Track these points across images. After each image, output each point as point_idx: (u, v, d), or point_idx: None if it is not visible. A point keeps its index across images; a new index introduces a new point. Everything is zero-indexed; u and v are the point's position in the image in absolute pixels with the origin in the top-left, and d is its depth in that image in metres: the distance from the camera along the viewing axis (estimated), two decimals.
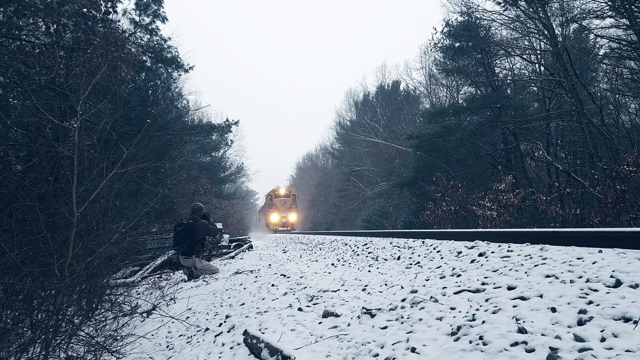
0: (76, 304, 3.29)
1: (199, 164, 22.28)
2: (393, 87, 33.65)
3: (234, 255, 9.83)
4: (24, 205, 3.28)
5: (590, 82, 13.40)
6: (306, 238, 11.00)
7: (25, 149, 7.49)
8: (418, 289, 2.49)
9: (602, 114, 10.20)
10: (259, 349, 2.09)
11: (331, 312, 2.44)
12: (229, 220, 21.99)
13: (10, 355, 2.44)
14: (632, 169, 7.04)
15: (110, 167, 3.78)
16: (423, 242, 4.38)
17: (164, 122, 11.80)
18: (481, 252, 2.98)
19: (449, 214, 12.42)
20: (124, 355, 3.01)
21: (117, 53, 8.57)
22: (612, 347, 1.32)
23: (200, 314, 3.77)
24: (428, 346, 1.65)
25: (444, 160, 16.31)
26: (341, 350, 1.91)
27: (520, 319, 1.66)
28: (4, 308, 2.59)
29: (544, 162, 12.93)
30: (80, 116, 3.72)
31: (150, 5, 11.45)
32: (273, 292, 3.53)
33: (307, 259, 6.36)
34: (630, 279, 1.77)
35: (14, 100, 7.95)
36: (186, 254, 6.54)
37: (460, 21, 15.64)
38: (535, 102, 16.90)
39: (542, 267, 2.23)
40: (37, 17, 8.05)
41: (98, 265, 3.43)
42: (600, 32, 11.39)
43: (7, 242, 2.87)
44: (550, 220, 9.64)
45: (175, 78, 14.04)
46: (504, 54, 14.93)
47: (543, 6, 11.24)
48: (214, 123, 16.92)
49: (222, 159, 29.20)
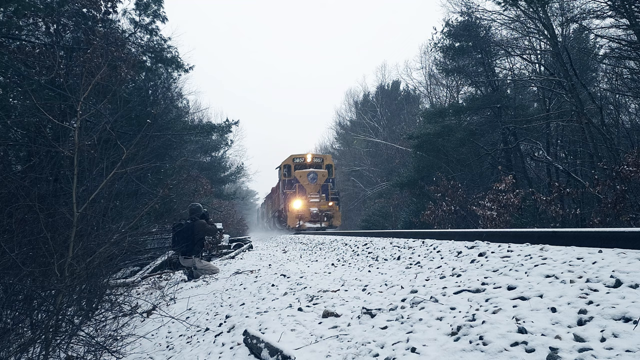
0: (76, 304, 3.29)
1: (199, 164, 22.27)
2: (393, 87, 33.64)
3: (234, 255, 9.84)
4: (24, 205, 3.28)
5: (590, 82, 13.40)
6: (306, 238, 11.00)
7: (25, 149, 7.49)
8: (418, 289, 2.49)
9: (602, 114, 10.20)
10: (259, 349, 2.09)
11: (331, 312, 2.44)
12: (229, 221, 21.99)
13: (10, 355, 2.44)
14: (632, 169, 7.04)
15: (110, 167, 3.78)
16: (423, 242, 4.38)
17: (164, 122, 11.80)
18: (481, 252, 2.98)
19: (449, 214, 12.42)
20: (124, 355, 3.01)
21: (117, 53, 8.57)
22: (612, 347, 1.32)
23: (200, 314, 3.77)
24: (428, 346, 1.65)
25: (444, 160, 16.30)
26: (341, 350, 1.91)
27: (520, 319, 1.66)
28: (4, 308, 2.59)
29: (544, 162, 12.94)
30: (80, 116, 3.72)
31: (150, 5, 11.45)
32: (273, 292, 3.53)
33: (307, 259, 6.36)
34: (630, 279, 1.76)
35: (14, 100, 7.95)
36: (186, 254, 6.54)
37: (460, 21, 15.64)
38: (535, 102, 16.92)
39: (542, 267, 2.23)
40: (37, 17, 8.05)
41: (98, 265, 3.44)
42: (600, 32, 11.39)
43: (7, 242, 2.87)
44: (550, 220, 9.63)
45: (175, 78, 14.05)
46: (504, 54, 14.93)
47: (543, 6, 11.23)
48: (214, 123, 16.95)
49: (222, 159, 29.18)
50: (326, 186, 17.55)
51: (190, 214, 6.92)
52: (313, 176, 17.43)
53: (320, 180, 17.50)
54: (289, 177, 18.04)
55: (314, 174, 17.47)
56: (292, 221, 16.83)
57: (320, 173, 17.70)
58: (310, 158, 18.32)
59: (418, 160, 17.75)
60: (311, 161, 18.25)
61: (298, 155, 18.60)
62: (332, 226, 17.07)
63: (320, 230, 15.51)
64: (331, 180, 18.25)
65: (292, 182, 17.64)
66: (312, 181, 17.32)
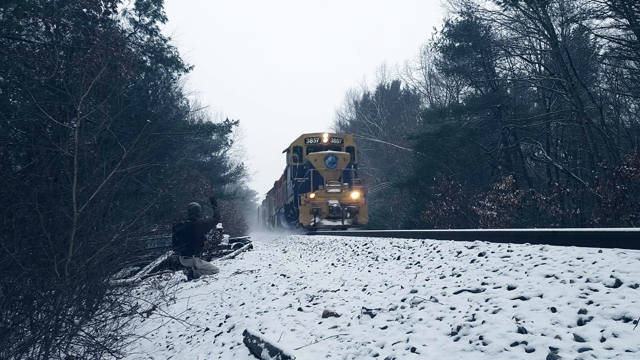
0: (76, 304, 3.29)
1: (199, 164, 22.26)
2: (393, 87, 33.66)
3: (234, 255, 9.83)
4: (24, 205, 3.29)
5: (590, 82, 13.41)
6: (306, 238, 10.99)
7: (25, 149, 7.50)
8: (418, 289, 2.49)
9: (602, 114, 10.21)
10: (259, 349, 2.09)
11: (331, 312, 2.44)
12: (229, 220, 21.97)
13: (10, 355, 2.44)
14: (632, 168, 7.04)
15: (110, 167, 3.78)
16: (423, 242, 4.38)
17: (164, 122, 11.81)
18: (481, 252, 2.98)
19: (449, 214, 12.42)
20: (124, 355, 3.01)
21: (117, 53, 8.57)
22: (612, 347, 1.32)
23: (200, 314, 3.77)
24: (428, 346, 1.65)
25: (444, 160, 16.31)
26: (341, 350, 1.91)
27: (520, 319, 1.66)
28: (4, 308, 2.60)
29: (544, 162, 12.95)
30: (80, 116, 3.72)
31: (150, 5, 11.46)
32: (273, 292, 3.53)
33: (307, 259, 6.36)
34: (630, 278, 1.76)
35: (14, 100, 7.96)
36: (185, 254, 6.55)
37: (460, 21, 15.66)
38: (535, 102, 16.94)
39: (542, 267, 2.23)
40: (37, 17, 8.05)
41: (98, 265, 3.44)
42: (600, 32, 11.40)
43: (7, 242, 2.87)
44: (550, 220, 9.64)
45: (175, 78, 14.06)
46: (504, 54, 14.95)
47: (543, 6, 11.24)
48: (214, 123, 16.96)
49: (222, 159, 29.16)
50: (348, 173, 13.47)
51: (189, 214, 6.92)
52: (332, 160, 13.26)
53: (341, 165, 13.37)
54: (301, 162, 14.00)
55: (333, 157, 13.32)
56: (305, 218, 12.72)
57: (341, 156, 13.56)
58: (327, 138, 14.26)
59: (418, 160, 17.76)
60: (328, 142, 14.16)
61: (312, 134, 14.46)
62: (356, 224, 12.96)
63: (340, 230, 12.02)
64: (354, 165, 14.19)
65: (304, 168, 13.60)
66: (331, 166, 13.22)
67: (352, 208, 12.93)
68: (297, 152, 14.40)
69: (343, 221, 12.75)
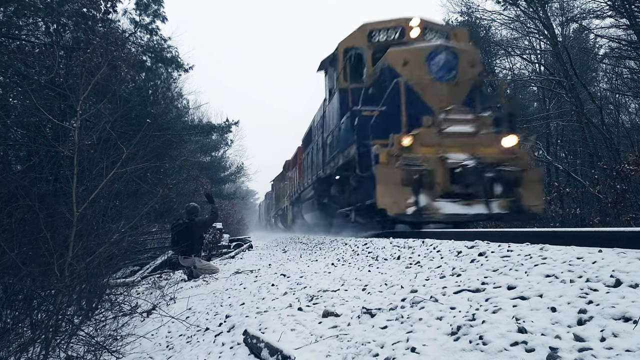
0: (76, 304, 3.29)
1: (199, 163, 22.25)
2: None
3: (233, 255, 9.83)
4: (24, 205, 3.29)
5: (590, 82, 13.42)
6: (306, 238, 10.99)
7: (25, 148, 7.50)
8: (418, 289, 2.49)
9: (602, 114, 10.22)
10: (259, 348, 2.09)
11: (331, 312, 2.44)
12: (229, 220, 21.96)
13: (10, 355, 2.44)
14: (633, 167, 7.05)
15: (110, 167, 3.77)
16: (423, 241, 4.38)
17: (164, 122, 11.79)
18: (481, 252, 2.98)
19: None
20: (124, 355, 3.01)
21: (117, 53, 8.57)
22: (612, 347, 1.32)
23: (200, 313, 3.77)
24: (428, 346, 1.65)
25: None
26: (341, 350, 1.91)
27: (520, 319, 1.66)
28: (4, 308, 2.60)
29: (544, 162, 12.94)
30: (80, 116, 3.72)
31: (150, 5, 11.44)
32: (273, 291, 3.53)
33: (307, 259, 6.36)
34: (630, 278, 1.76)
35: (14, 100, 7.95)
36: (185, 254, 6.55)
37: (460, 21, 15.64)
38: (535, 102, 16.93)
39: (542, 267, 2.23)
40: (37, 17, 8.05)
41: (98, 265, 3.44)
42: (600, 32, 11.41)
43: (7, 242, 2.87)
44: (550, 220, 9.64)
45: (175, 78, 14.05)
46: (504, 53, 14.95)
47: (543, 6, 11.25)
48: (214, 123, 16.96)
49: (222, 159, 29.13)
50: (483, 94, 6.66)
51: (187, 214, 6.92)
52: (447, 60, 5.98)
53: (466, 74, 6.08)
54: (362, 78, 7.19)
55: (448, 53, 6.02)
56: (393, 195, 5.32)
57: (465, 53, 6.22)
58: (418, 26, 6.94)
59: None
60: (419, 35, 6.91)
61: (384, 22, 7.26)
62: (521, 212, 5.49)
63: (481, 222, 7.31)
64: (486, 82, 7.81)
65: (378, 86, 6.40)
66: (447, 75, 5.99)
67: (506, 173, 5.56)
68: (355, 59, 7.35)
69: (489, 205, 5.48)
